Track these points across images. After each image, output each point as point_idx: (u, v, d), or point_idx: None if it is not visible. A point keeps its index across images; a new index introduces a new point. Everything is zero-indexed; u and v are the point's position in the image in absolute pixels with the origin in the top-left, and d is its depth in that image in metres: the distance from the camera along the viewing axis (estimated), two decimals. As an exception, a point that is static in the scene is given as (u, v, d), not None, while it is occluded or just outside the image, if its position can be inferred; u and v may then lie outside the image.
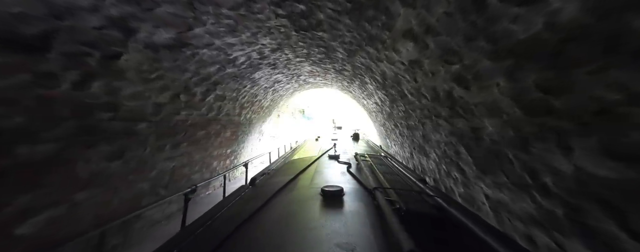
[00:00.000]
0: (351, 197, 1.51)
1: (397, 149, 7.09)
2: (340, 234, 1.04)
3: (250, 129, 8.13)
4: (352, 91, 8.43)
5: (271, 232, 1.11)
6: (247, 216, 1.28)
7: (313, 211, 1.32)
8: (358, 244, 0.95)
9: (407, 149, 5.69)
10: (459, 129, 2.45)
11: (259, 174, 2.63)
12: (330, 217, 1.21)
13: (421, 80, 2.71)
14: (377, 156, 3.43)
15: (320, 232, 1.06)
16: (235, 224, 1.19)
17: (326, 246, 0.95)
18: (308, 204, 1.42)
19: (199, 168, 5.18)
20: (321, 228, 1.10)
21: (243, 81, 5.29)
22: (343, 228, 1.09)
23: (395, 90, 4.02)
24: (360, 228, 1.10)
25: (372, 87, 5.64)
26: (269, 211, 1.37)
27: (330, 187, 1.54)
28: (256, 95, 6.92)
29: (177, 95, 3.47)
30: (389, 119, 6.37)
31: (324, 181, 1.94)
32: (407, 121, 4.60)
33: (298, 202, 1.47)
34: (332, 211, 1.29)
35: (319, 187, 1.65)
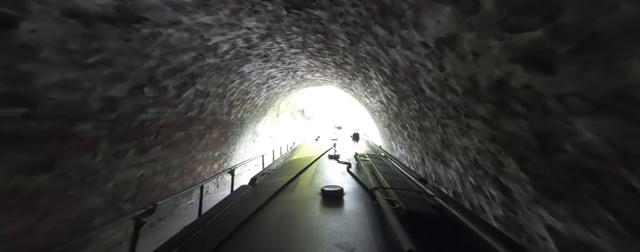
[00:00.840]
0: (351, 197, 1.50)
1: (404, 152, 6.38)
2: (340, 234, 1.03)
3: (242, 129, 7.41)
4: (354, 89, 7.71)
5: (271, 232, 1.10)
6: (247, 216, 1.27)
7: (313, 211, 1.31)
8: (358, 244, 0.94)
9: (416, 153, 4.98)
10: (507, 133, 1.74)
11: (259, 174, 2.55)
12: (330, 217, 1.21)
13: (451, 67, 2.00)
14: (377, 155, 3.34)
15: (320, 232, 1.05)
16: (235, 224, 1.18)
17: (326, 246, 0.93)
18: (308, 204, 1.42)
19: (179, 175, 4.47)
20: (321, 228, 1.10)
21: (230, 75, 4.58)
22: (343, 228, 1.09)
23: (409, 84, 3.31)
24: (360, 228, 1.09)
25: (377, 82, 4.93)
26: (269, 211, 1.36)
27: (330, 187, 1.53)
28: (247, 92, 6.21)
29: (139, 89, 2.76)
30: (396, 119, 5.66)
31: (324, 181, 1.92)
32: (419, 122, 3.89)
33: (298, 202, 1.47)
34: (332, 211, 1.29)
35: (319, 187, 1.64)
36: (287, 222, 1.18)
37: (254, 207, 1.38)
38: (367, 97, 7.38)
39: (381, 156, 3.33)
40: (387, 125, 7.39)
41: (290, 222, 1.18)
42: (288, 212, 1.32)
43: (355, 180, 1.96)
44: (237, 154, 7.65)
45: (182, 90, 3.55)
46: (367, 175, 2.05)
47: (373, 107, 8.03)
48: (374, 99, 6.87)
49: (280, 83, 7.69)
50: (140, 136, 3.11)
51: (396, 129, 6.31)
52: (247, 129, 7.90)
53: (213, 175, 3.55)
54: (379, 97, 5.94)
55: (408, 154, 5.96)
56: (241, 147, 7.95)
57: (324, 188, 1.52)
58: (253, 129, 8.69)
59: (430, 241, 1.01)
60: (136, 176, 3.26)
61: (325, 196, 1.48)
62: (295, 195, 1.63)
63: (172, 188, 4.31)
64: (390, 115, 6.20)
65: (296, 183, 1.94)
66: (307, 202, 1.43)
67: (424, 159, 4.50)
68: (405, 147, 5.99)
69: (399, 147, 6.98)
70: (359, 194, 1.58)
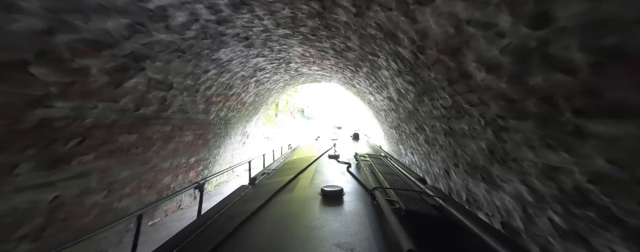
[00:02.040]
0: (351, 197, 1.49)
1: (417, 159, 5.33)
2: (340, 234, 1.02)
3: (228, 130, 6.36)
4: (357, 84, 6.67)
5: (271, 232, 1.08)
6: (247, 216, 1.26)
7: (313, 210, 1.30)
8: (358, 244, 0.94)
9: (437, 163, 3.93)
10: None
11: (259, 174, 2.52)
12: (330, 217, 1.19)
13: (569, 12, 0.98)
14: (377, 155, 3.27)
15: (320, 232, 1.04)
16: (235, 223, 1.17)
17: (326, 246, 0.93)
18: (308, 204, 1.40)
19: (133, 190, 3.42)
20: (321, 228, 1.08)
21: (201, 62, 3.53)
22: (343, 228, 1.08)
23: (440, 69, 2.27)
24: (360, 228, 1.08)
25: (388, 73, 3.89)
26: (269, 211, 1.35)
27: (330, 187, 1.53)
28: (231, 87, 5.16)
29: (21, 67, 1.72)
30: (409, 119, 4.61)
31: (324, 181, 1.91)
32: (448, 123, 2.85)
33: (298, 202, 1.45)
34: (331, 211, 1.27)
35: (319, 187, 1.63)
36: (287, 222, 1.17)
37: (254, 207, 1.36)
38: (372, 93, 6.33)
39: (381, 156, 3.20)
40: (395, 126, 6.34)
41: (290, 222, 1.16)
42: (288, 212, 1.31)
43: (355, 180, 1.95)
44: (222, 158, 6.60)
45: (121, 77, 2.51)
46: (367, 175, 2.04)
47: (378, 106, 6.98)
48: (380, 96, 5.83)
49: (272, 77, 6.64)
50: (44, 143, 2.07)
51: (408, 132, 5.26)
52: (234, 130, 6.85)
53: (166, 197, 2.52)
54: (388, 92, 4.89)
55: (422, 161, 4.91)
56: (227, 151, 6.90)
57: (323, 188, 1.50)
58: (242, 130, 7.64)
59: (430, 241, 0.99)
60: (43, 200, 2.21)
61: (325, 196, 1.46)
62: (295, 195, 1.62)
63: (123, 208, 3.27)
64: (401, 115, 5.15)
65: (296, 183, 1.92)
66: (307, 202, 1.42)
67: (449, 171, 3.46)
68: (420, 154, 4.94)
69: (409, 152, 5.93)
70: (359, 194, 1.57)
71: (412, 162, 5.89)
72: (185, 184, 4.78)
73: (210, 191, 6.14)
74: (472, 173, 2.73)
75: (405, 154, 6.50)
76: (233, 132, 6.84)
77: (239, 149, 7.91)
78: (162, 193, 4.08)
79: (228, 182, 7.23)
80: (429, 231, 1.08)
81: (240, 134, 7.55)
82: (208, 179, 3.45)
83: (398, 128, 6.17)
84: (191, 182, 5.02)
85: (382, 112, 7.17)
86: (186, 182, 4.90)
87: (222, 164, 6.78)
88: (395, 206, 1.23)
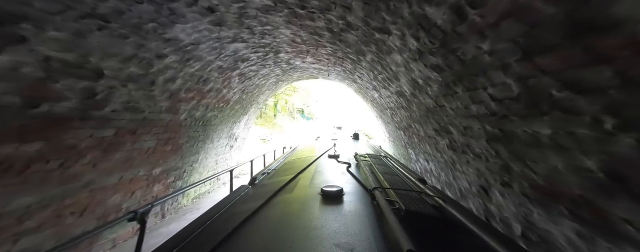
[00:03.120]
0: (351, 197, 1.47)
1: (433, 168, 4.31)
2: (340, 234, 1.00)
3: (208, 133, 5.36)
4: (358, 78, 5.66)
5: (270, 232, 1.07)
6: (247, 216, 1.23)
7: (312, 210, 1.27)
8: (357, 244, 0.92)
9: (468, 176, 2.92)
10: None
11: (259, 174, 2.47)
12: (330, 217, 1.17)
13: None
14: (377, 155, 3.17)
15: (319, 232, 1.02)
16: (234, 223, 1.14)
17: (326, 246, 0.91)
18: (308, 204, 1.38)
19: (49, 221, 2.42)
20: (321, 228, 1.06)
21: (147, 41, 2.54)
22: (342, 228, 1.05)
23: (513, 29, 1.28)
24: (360, 228, 1.06)
25: (402, 57, 2.90)
26: (269, 211, 1.33)
27: (329, 187, 1.51)
28: (206, 81, 4.16)
29: None
30: (426, 118, 3.60)
31: (324, 181, 1.87)
32: (496, 124, 1.84)
33: (298, 202, 1.44)
34: (331, 211, 1.25)
35: (319, 187, 1.61)
36: (287, 222, 1.15)
37: (253, 207, 1.35)
38: (377, 89, 5.33)
39: (381, 156, 3.15)
40: (404, 127, 5.33)
41: (290, 222, 1.15)
42: (288, 212, 1.30)
43: (355, 180, 1.92)
44: (202, 166, 5.60)
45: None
46: (367, 175, 2.02)
47: (383, 104, 5.97)
48: (386, 91, 4.82)
49: (260, 71, 5.63)
50: None
51: (422, 134, 4.25)
52: (217, 133, 5.85)
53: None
54: (398, 85, 3.89)
55: (442, 171, 3.90)
56: (209, 157, 5.89)
57: (323, 188, 1.49)
58: (228, 132, 6.64)
59: (429, 241, 0.97)
60: None
61: (325, 196, 1.45)
62: (295, 195, 1.60)
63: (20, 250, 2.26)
64: (413, 113, 4.14)
65: (296, 183, 1.89)
66: (307, 202, 1.41)
67: (490, 190, 2.45)
68: (438, 162, 3.93)
69: (422, 158, 4.92)
70: (359, 194, 1.55)
71: (426, 170, 4.88)
72: (144, 201, 3.78)
73: (185, 206, 5.13)
74: (546, 202, 1.72)
75: (415, 160, 5.49)
76: (216, 135, 5.84)
77: (226, 154, 6.91)
78: (108, 217, 3.08)
79: (211, 192, 6.22)
80: (429, 231, 1.05)
81: (226, 137, 6.55)
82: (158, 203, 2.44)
83: (408, 129, 5.16)
84: (155, 197, 4.02)
85: (387, 111, 6.16)
86: (149, 198, 3.90)
87: (204, 172, 5.79)
88: (395, 206, 1.21)
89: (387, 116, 6.53)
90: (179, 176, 4.70)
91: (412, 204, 1.22)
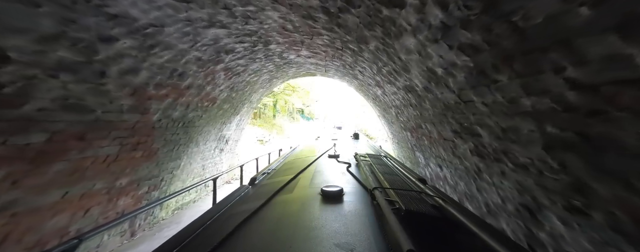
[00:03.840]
0: (351, 197, 1.45)
1: (448, 176, 3.63)
2: (340, 234, 0.98)
3: (191, 135, 4.70)
4: (360, 73, 5.00)
5: (270, 232, 1.05)
6: (247, 216, 1.21)
7: (312, 210, 1.25)
8: (357, 244, 0.90)
9: (504, 191, 2.25)
10: None
11: (259, 174, 2.44)
12: (330, 217, 1.15)
13: None
14: (377, 155, 3.12)
15: (320, 232, 1.01)
16: (234, 223, 1.13)
17: (326, 246, 0.89)
18: (308, 204, 1.37)
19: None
20: (321, 228, 1.04)
21: (82, 17, 1.88)
22: (343, 228, 1.04)
23: None
24: (360, 228, 1.04)
25: (415, 41, 2.24)
26: (269, 211, 1.31)
27: (329, 187, 1.49)
28: (181, 75, 3.50)
29: None
30: (442, 117, 2.93)
31: (324, 181, 1.85)
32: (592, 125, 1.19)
33: (298, 202, 1.42)
34: (331, 211, 1.23)
35: (319, 187, 1.59)
36: (287, 222, 1.13)
37: (253, 207, 1.34)
38: (380, 84, 4.66)
39: (381, 156, 3.14)
40: (412, 127, 4.66)
41: (290, 222, 1.13)
42: (288, 212, 1.28)
43: (355, 180, 1.90)
44: (185, 172, 4.94)
45: None
46: (367, 175, 1.99)
47: (387, 101, 5.31)
48: (392, 87, 4.16)
49: (250, 66, 4.97)
50: None
51: (435, 136, 3.59)
52: (203, 135, 5.19)
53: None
54: (407, 79, 3.23)
55: (460, 181, 3.23)
56: (194, 162, 5.23)
57: (323, 188, 1.47)
58: (217, 134, 5.98)
59: (430, 241, 0.97)
60: None
61: (325, 196, 1.43)
62: (295, 195, 1.58)
63: None
64: (425, 111, 3.48)
65: (296, 183, 1.87)
66: (307, 202, 1.39)
67: (542, 213, 1.78)
68: (455, 169, 3.26)
69: (432, 163, 4.25)
70: (359, 194, 1.53)
71: (438, 177, 4.21)
72: (109, 218, 3.12)
73: (163, 220, 4.46)
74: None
75: (425, 165, 4.82)
76: (201, 137, 5.18)
77: (215, 158, 6.25)
78: (46, 245, 2.41)
79: (197, 201, 5.56)
80: (429, 231, 1.04)
81: (214, 139, 5.89)
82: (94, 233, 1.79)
83: (416, 130, 4.49)
84: (121, 213, 3.36)
85: (391, 110, 5.50)
86: (113, 215, 3.24)
87: (188, 179, 5.13)
88: (395, 206, 1.18)
89: (391, 115, 5.86)
90: (155, 186, 4.04)
91: (412, 204, 1.19)
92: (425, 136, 4.14)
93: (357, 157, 2.87)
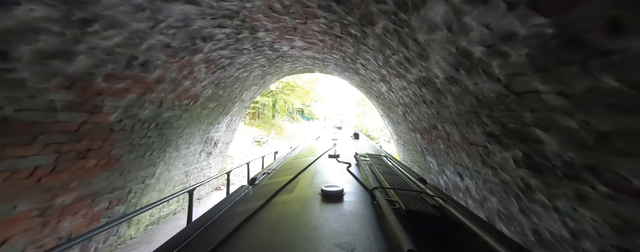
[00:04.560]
0: (351, 197, 1.42)
1: (473, 187, 2.89)
2: (340, 234, 0.96)
3: (170, 138, 3.99)
4: (362, 67, 4.27)
5: (271, 232, 1.03)
6: (247, 216, 1.19)
7: (313, 210, 1.23)
8: (358, 244, 0.88)
9: (579, 222, 1.53)
10: None
11: (259, 174, 2.40)
12: (330, 217, 1.13)
13: None
14: (377, 155, 3.06)
15: (320, 232, 0.99)
16: (234, 223, 1.11)
17: (326, 246, 0.87)
18: (308, 204, 1.34)
19: None
20: (321, 228, 1.02)
21: None
22: (343, 228, 1.02)
23: None
24: (360, 228, 1.02)
25: (445, 9, 1.51)
26: (269, 211, 1.29)
27: (330, 187, 1.46)
28: (144, 64, 2.79)
29: None
30: (473, 115, 2.20)
31: (324, 181, 1.81)
32: None
33: (298, 202, 1.39)
34: (331, 211, 1.20)
35: (319, 187, 1.55)
36: (287, 222, 1.11)
37: (254, 207, 1.31)
38: (386, 79, 3.94)
39: (381, 156, 3.10)
40: (425, 128, 3.93)
41: (291, 222, 1.11)
42: (288, 212, 1.25)
43: (355, 180, 1.85)
44: (162, 181, 4.22)
45: None
46: (367, 175, 1.97)
47: (393, 98, 4.58)
48: (401, 81, 3.44)
49: (236, 58, 4.25)
50: None
51: (457, 139, 2.86)
52: (183, 137, 4.47)
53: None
54: (423, 68, 2.51)
55: (495, 197, 2.49)
56: (175, 169, 4.51)
57: (324, 188, 1.44)
58: (203, 136, 5.26)
59: (430, 241, 0.95)
60: None
61: (325, 196, 1.40)
62: (295, 195, 1.55)
63: None
64: (445, 110, 2.75)
65: (296, 183, 1.83)
66: (307, 202, 1.36)
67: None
68: (484, 182, 2.52)
69: (450, 171, 3.52)
70: (359, 194, 1.50)
71: (456, 187, 3.48)
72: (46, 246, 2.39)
73: (132, 238, 3.73)
74: None
75: (438, 172, 4.08)
76: (183, 140, 4.46)
77: (201, 163, 5.53)
78: None
79: (178, 213, 4.82)
80: (429, 231, 1.02)
81: (199, 142, 5.17)
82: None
83: (429, 131, 3.76)
84: (70, 237, 2.64)
85: (398, 108, 4.77)
86: (52, 242, 2.51)
87: (167, 188, 4.40)
88: (396, 205, 1.16)
89: (397, 115, 5.13)
90: (119, 200, 3.31)
91: (413, 204, 1.15)
92: (441, 138, 3.41)
93: (357, 157, 2.79)
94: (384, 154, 3.51)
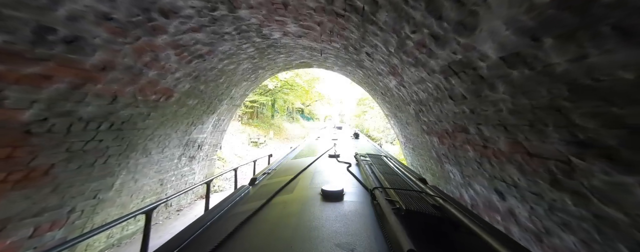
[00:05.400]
0: (351, 197, 1.40)
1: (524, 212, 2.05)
2: (340, 234, 0.94)
3: (133, 141, 3.15)
4: (367, 58, 3.42)
5: (271, 233, 1.01)
6: (247, 216, 1.16)
7: (313, 211, 1.20)
8: (358, 244, 0.87)
9: None
10: None
11: (260, 174, 2.34)
12: (330, 217, 1.10)
13: None
14: (377, 155, 2.98)
15: (320, 232, 0.96)
16: (235, 223, 1.08)
17: (326, 246, 0.85)
18: (308, 204, 1.31)
19: None
20: (321, 228, 1.00)
21: None
22: (343, 228, 0.99)
23: None
24: (360, 228, 1.00)
25: None
26: (269, 211, 1.26)
27: (330, 187, 1.43)
28: (73, 42, 1.93)
29: None
30: (557, 114, 1.35)
31: (324, 181, 1.77)
32: None
33: (298, 202, 1.36)
34: (332, 211, 1.17)
35: (319, 187, 1.52)
36: (288, 222, 1.09)
37: (254, 207, 1.29)
38: (397, 70, 3.09)
39: (381, 156, 3.02)
40: (448, 130, 3.08)
41: (291, 222, 1.08)
42: (288, 212, 1.22)
43: (356, 180, 1.81)
44: (124, 194, 3.37)
45: None
46: (367, 175, 1.94)
47: (405, 95, 3.73)
48: (421, 71, 2.60)
49: (218, 46, 3.41)
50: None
51: (502, 148, 2.00)
52: (154, 140, 3.63)
53: None
54: (466, 46, 1.65)
55: (573, 235, 1.64)
56: (144, 178, 3.67)
57: (324, 188, 1.41)
58: (183, 138, 4.41)
59: (430, 241, 0.93)
60: None
61: (325, 196, 1.37)
62: (295, 195, 1.52)
63: None
64: (491, 108, 1.89)
65: (296, 183, 1.79)
66: (307, 202, 1.33)
67: None
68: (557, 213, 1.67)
69: (484, 186, 2.66)
70: (359, 194, 1.47)
71: (489, 206, 2.63)
72: None
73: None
74: None
75: (462, 184, 3.22)
76: (154, 143, 3.62)
77: (183, 168, 4.69)
78: None
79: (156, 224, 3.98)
80: (429, 231, 1.00)
81: (178, 145, 4.33)
82: None
83: (453, 135, 2.91)
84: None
85: (410, 106, 3.92)
86: None
87: (133, 201, 3.56)
88: (396, 205, 1.12)
89: (408, 114, 4.28)
90: (54, 223, 2.48)
91: (413, 204, 1.12)
92: (471, 144, 2.57)
93: (358, 157, 2.74)
94: (384, 154, 3.42)
